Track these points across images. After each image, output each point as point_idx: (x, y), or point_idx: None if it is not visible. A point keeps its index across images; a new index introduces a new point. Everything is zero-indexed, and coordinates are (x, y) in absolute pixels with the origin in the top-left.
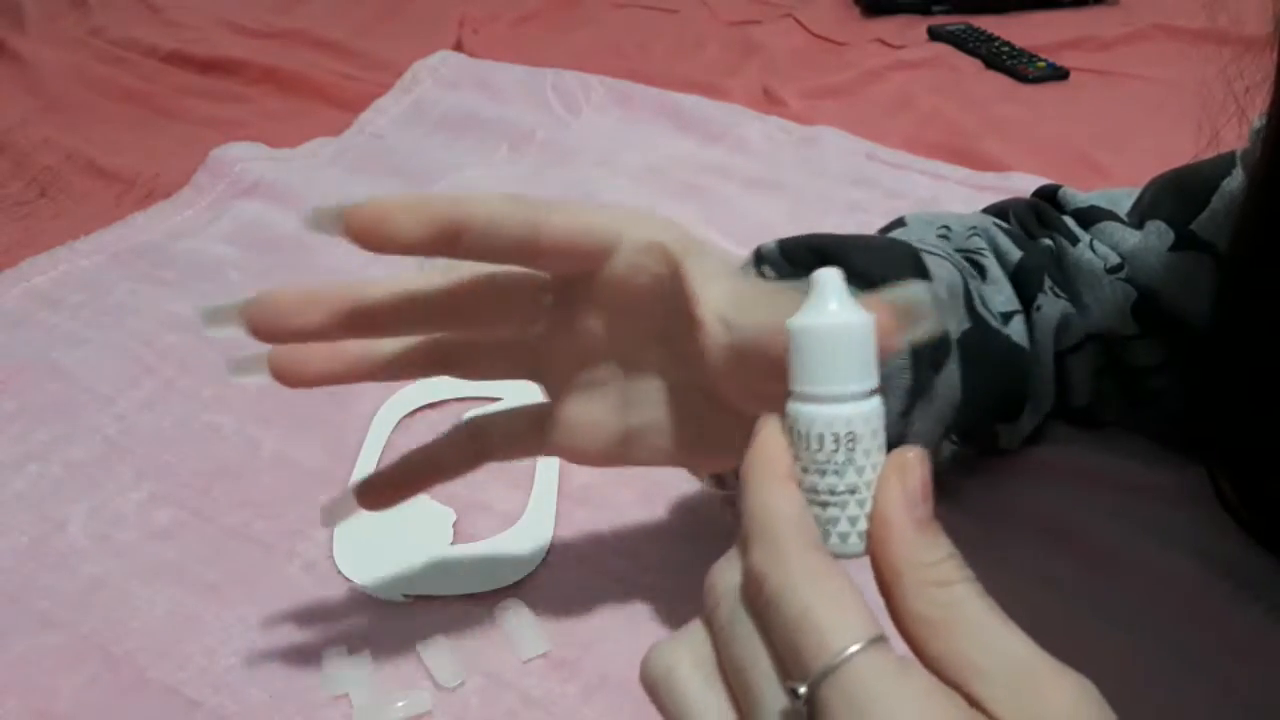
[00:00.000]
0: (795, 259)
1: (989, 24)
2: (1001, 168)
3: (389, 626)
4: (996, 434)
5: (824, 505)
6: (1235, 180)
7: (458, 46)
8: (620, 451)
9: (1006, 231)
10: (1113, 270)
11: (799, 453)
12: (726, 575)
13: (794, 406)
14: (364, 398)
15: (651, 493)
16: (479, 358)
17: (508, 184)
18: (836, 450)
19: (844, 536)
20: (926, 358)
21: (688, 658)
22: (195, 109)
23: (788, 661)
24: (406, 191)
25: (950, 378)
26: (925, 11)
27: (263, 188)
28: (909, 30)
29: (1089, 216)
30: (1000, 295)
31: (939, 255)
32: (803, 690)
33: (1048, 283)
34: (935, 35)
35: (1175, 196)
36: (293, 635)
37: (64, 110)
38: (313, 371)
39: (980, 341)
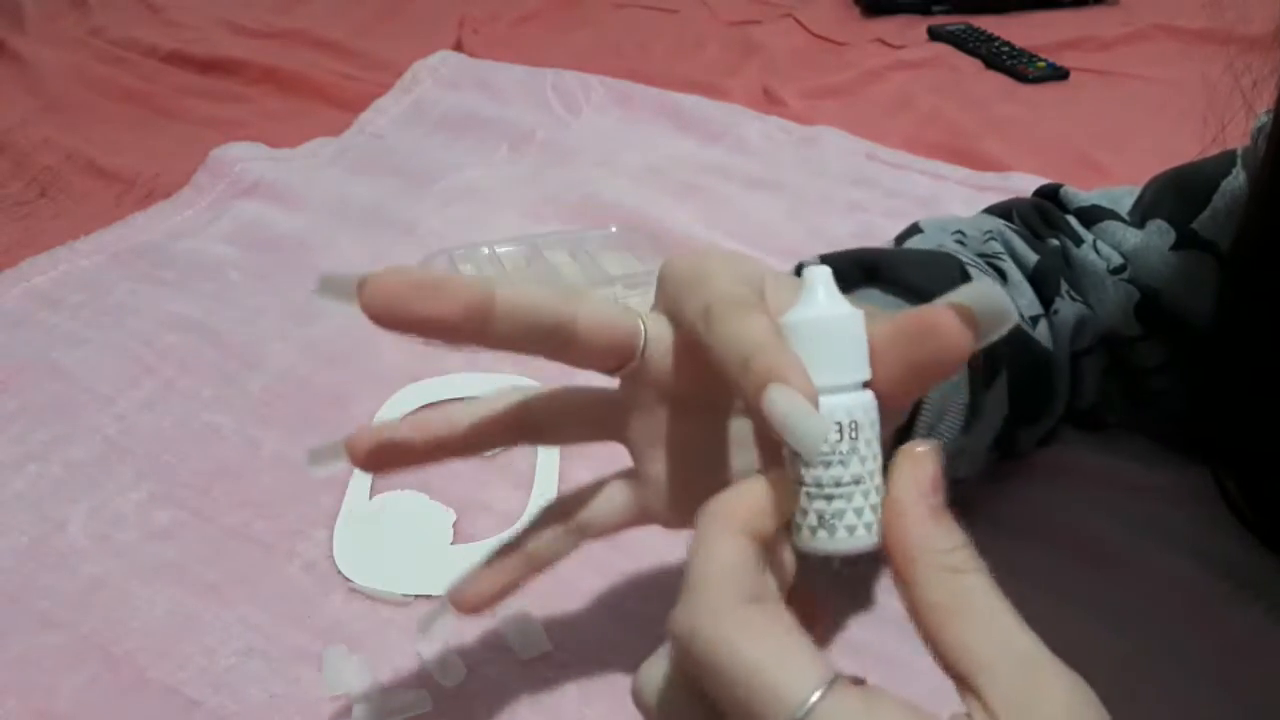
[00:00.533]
0: (840, 273)
1: (989, 24)
2: (1001, 168)
3: (389, 626)
4: (1016, 437)
5: (829, 498)
6: (1236, 179)
7: (458, 46)
8: None
9: (1017, 234)
10: (1115, 271)
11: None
12: None
13: None
14: (364, 398)
15: None
16: (566, 424)
17: (508, 184)
18: (840, 440)
19: (851, 529)
20: (981, 376)
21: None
22: (195, 109)
23: None
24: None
25: (999, 392)
26: (925, 11)
27: (263, 188)
28: (909, 30)
29: (1090, 216)
30: (1023, 299)
31: (978, 267)
32: None
33: (1064, 286)
34: (935, 35)
35: (1176, 195)
36: (293, 635)
37: (64, 110)
38: (395, 457)
39: (1018, 350)
